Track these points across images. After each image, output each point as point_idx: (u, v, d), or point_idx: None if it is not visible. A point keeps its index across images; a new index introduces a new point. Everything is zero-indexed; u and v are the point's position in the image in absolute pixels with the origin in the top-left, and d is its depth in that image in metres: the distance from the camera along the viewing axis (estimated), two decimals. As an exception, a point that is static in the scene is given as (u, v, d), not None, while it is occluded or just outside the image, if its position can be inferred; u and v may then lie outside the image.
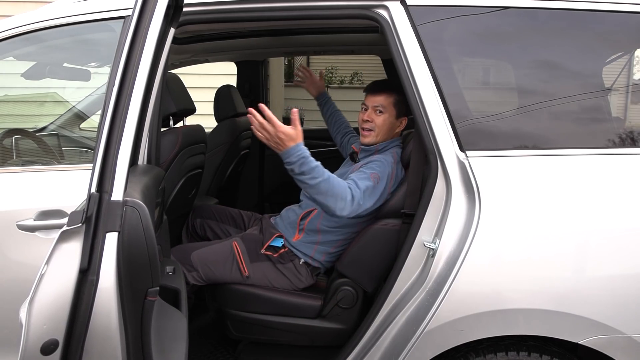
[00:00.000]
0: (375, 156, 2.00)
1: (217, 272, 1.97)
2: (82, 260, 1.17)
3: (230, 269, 1.98)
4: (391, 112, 2.03)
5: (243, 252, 2.00)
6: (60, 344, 1.17)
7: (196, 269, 1.97)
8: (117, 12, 1.71)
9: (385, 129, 2.03)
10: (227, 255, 2.00)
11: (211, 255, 2.00)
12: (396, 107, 2.03)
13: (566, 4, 1.60)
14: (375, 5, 1.66)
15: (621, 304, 1.50)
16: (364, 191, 1.78)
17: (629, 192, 1.54)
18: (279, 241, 2.03)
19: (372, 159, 1.96)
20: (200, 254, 2.01)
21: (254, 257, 2.00)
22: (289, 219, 2.11)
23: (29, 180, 1.79)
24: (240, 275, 1.98)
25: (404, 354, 1.58)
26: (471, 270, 1.51)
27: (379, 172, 1.87)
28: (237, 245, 2.01)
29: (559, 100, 1.61)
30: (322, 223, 2.03)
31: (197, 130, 2.37)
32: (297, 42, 2.81)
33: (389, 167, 1.91)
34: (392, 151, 2.02)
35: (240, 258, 1.98)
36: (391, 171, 1.91)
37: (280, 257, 2.01)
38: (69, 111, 2.77)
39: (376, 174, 1.86)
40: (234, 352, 2.17)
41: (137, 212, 1.21)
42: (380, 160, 1.93)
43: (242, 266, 1.97)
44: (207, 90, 3.57)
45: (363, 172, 1.87)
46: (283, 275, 2.00)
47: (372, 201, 1.82)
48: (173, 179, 2.06)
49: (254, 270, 1.98)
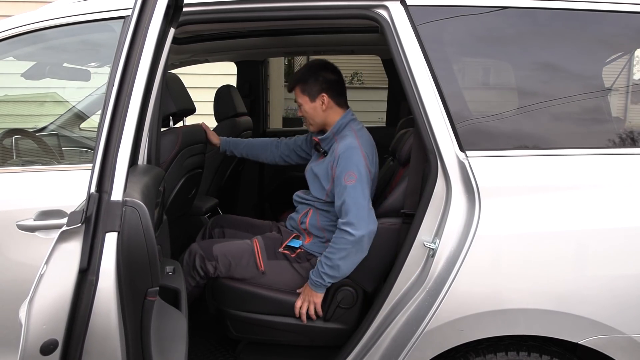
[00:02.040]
0: (336, 145, 2.00)
1: (234, 264, 2.01)
2: (82, 260, 1.17)
3: (247, 262, 2.01)
4: (305, 100, 2.09)
5: (261, 248, 2.04)
6: (60, 344, 1.17)
7: (216, 259, 2.01)
8: (117, 12, 1.71)
9: (311, 114, 2.09)
10: (246, 249, 2.04)
11: (231, 248, 2.04)
12: (305, 93, 2.08)
13: (566, 4, 1.60)
14: (375, 5, 1.66)
15: (621, 304, 1.50)
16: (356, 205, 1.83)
17: (629, 192, 1.54)
18: (297, 242, 2.07)
19: (336, 153, 1.96)
20: (222, 246, 2.06)
21: (271, 255, 2.04)
22: (294, 227, 2.16)
23: (29, 180, 1.79)
24: (257, 270, 2.01)
25: (404, 354, 1.58)
26: (471, 270, 1.51)
27: (351, 168, 1.89)
28: (257, 242, 2.06)
29: (558, 100, 1.61)
30: (321, 221, 2.06)
31: (197, 130, 2.37)
32: (297, 42, 2.81)
33: (355, 152, 1.92)
34: (350, 128, 2.04)
35: (258, 253, 2.02)
36: (360, 154, 1.92)
37: (297, 256, 2.04)
38: (69, 111, 2.77)
39: (350, 172, 1.88)
40: (233, 352, 2.17)
41: (136, 212, 1.21)
42: (344, 155, 1.92)
43: (259, 261, 2.01)
44: (207, 90, 3.57)
45: (340, 185, 1.89)
46: (299, 274, 2.02)
47: (367, 196, 1.87)
48: (173, 179, 2.06)
49: (270, 267, 2.02)
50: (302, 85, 2.09)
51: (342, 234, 1.83)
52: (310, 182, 2.12)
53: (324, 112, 2.08)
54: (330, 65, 2.12)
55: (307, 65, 2.15)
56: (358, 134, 2.02)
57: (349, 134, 2.02)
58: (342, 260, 1.83)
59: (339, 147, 1.98)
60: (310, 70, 2.10)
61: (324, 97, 2.06)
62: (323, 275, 1.86)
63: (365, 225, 1.81)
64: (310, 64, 2.14)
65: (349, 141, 1.97)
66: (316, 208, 2.08)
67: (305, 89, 2.08)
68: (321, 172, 2.04)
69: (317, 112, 2.08)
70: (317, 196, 2.07)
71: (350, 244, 1.81)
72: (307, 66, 2.14)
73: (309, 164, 2.20)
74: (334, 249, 1.85)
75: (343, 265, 1.84)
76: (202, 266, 2.01)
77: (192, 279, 2.04)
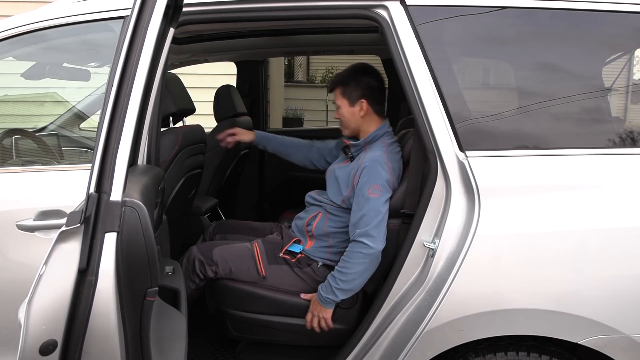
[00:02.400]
0: (365, 154, 1.96)
1: (235, 269, 1.99)
2: (81, 261, 1.17)
3: (248, 268, 1.99)
4: (343, 103, 2.03)
5: (262, 253, 2.01)
6: (59, 345, 1.17)
7: (216, 263, 1.99)
8: (117, 12, 1.71)
9: (347, 118, 2.04)
10: (246, 254, 2.02)
11: (232, 252, 2.02)
12: (345, 96, 2.03)
13: (566, 4, 1.60)
14: (375, 5, 1.65)
15: (621, 304, 1.50)
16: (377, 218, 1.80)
17: (629, 192, 1.54)
18: (298, 247, 2.04)
19: (362, 162, 1.92)
20: (222, 250, 2.03)
21: (272, 260, 2.01)
22: (298, 227, 2.12)
23: (29, 180, 1.79)
24: (257, 275, 1.99)
25: (404, 354, 1.58)
26: (471, 270, 1.51)
27: (376, 180, 1.84)
28: (257, 246, 2.04)
29: (558, 100, 1.61)
30: (328, 225, 2.02)
31: (197, 130, 2.37)
32: (297, 42, 2.81)
33: (382, 167, 1.87)
34: (382, 141, 1.99)
35: (258, 258, 2.00)
36: (387, 169, 1.88)
37: (297, 261, 2.01)
38: (68, 111, 2.77)
39: (375, 185, 1.84)
40: (233, 352, 2.17)
41: (136, 213, 1.21)
42: (370, 167, 1.88)
43: (260, 267, 1.99)
44: (207, 90, 3.56)
45: (363, 197, 1.84)
46: (301, 279, 2.00)
47: (386, 211, 1.83)
48: (173, 179, 2.06)
49: (271, 272, 2.00)
50: (343, 88, 2.03)
51: (359, 247, 1.78)
52: (329, 184, 2.08)
53: (361, 119, 2.03)
54: (374, 71, 2.07)
55: (350, 67, 2.09)
56: (389, 148, 1.98)
57: (380, 147, 1.97)
58: (359, 275, 1.79)
59: (367, 157, 1.94)
60: (353, 73, 2.04)
61: (363, 103, 2.00)
62: (337, 291, 1.81)
63: (382, 239, 1.79)
64: (354, 67, 2.08)
65: (378, 154, 1.93)
66: (327, 211, 2.03)
67: (346, 92, 2.02)
68: (343, 177, 2.00)
69: (354, 117, 2.03)
70: (332, 199, 2.02)
71: (368, 257, 1.77)
72: (350, 69, 2.08)
73: (332, 165, 2.16)
74: (350, 263, 1.79)
75: (359, 279, 1.80)
76: (202, 270, 2.00)
77: (192, 282, 2.03)
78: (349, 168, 2.01)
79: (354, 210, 1.87)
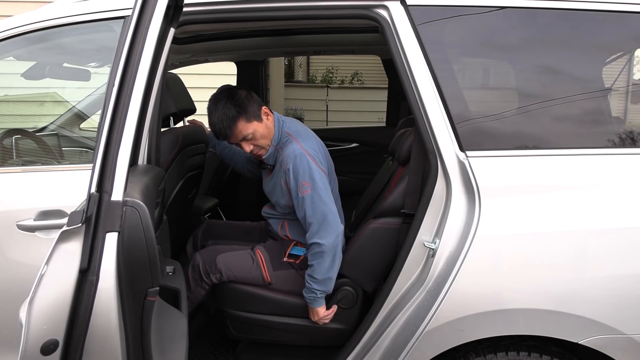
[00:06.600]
0: (280, 156, 1.93)
1: (240, 277, 1.99)
2: (82, 261, 1.17)
3: (253, 276, 1.99)
4: (255, 125, 1.89)
5: (266, 260, 2.01)
6: (60, 344, 1.17)
7: (220, 271, 1.99)
8: (117, 12, 1.71)
9: (265, 134, 1.92)
10: (251, 262, 2.01)
11: (236, 261, 2.01)
12: (252, 119, 1.89)
13: (566, 4, 1.60)
14: (375, 5, 1.66)
15: (621, 304, 1.50)
16: (316, 215, 1.81)
17: (629, 192, 1.54)
18: (300, 250, 2.04)
19: (284, 166, 1.88)
20: (225, 257, 2.01)
21: (276, 266, 2.02)
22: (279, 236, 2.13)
23: (29, 180, 1.79)
24: (262, 281, 2.00)
25: (404, 354, 1.58)
26: (471, 270, 1.51)
27: (303, 178, 1.83)
28: (261, 254, 2.03)
29: (558, 100, 1.61)
30: (298, 229, 2.02)
31: (197, 130, 2.37)
32: (297, 42, 2.81)
33: (302, 159, 1.84)
34: (285, 132, 1.95)
35: (263, 266, 2.00)
36: (307, 158, 1.84)
37: (302, 263, 2.01)
38: (69, 111, 2.77)
39: (303, 182, 1.83)
40: (234, 352, 2.18)
41: (137, 212, 1.21)
42: (292, 167, 1.85)
43: (265, 274, 1.99)
44: (207, 90, 3.55)
45: (297, 198, 1.85)
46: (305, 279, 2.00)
47: (326, 199, 1.83)
48: (173, 179, 2.06)
49: (276, 277, 2.00)
50: (244, 117, 1.87)
51: (315, 248, 1.83)
52: (271, 198, 2.09)
53: (270, 124, 1.95)
54: (231, 88, 1.96)
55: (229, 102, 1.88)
56: (294, 134, 1.93)
57: (288, 139, 1.93)
58: (328, 269, 1.83)
59: (284, 156, 1.89)
60: (236, 99, 1.88)
61: (263, 108, 1.94)
62: (316, 291, 1.85)
63: (332, 230, 1.81)
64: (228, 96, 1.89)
65: (291, 148, 1.88)
66: (287, 219, 2.06)
67: (249, 116, 1.88)
68: (276, 190, 2.00)
69: (268, 127, 1.93)
70: (282, 211, 2.05)
71: (326, 253, 1.81)
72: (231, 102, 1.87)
73: (263, 182, 2.13)
74: (314, 264, 1.84)
75: (330, 272, 1.84)
76: (207, 277, 2.00)
77: (202, 289, 2.02)
78: (275, 177, 2.00)
79: (297, 212, 1.89)
